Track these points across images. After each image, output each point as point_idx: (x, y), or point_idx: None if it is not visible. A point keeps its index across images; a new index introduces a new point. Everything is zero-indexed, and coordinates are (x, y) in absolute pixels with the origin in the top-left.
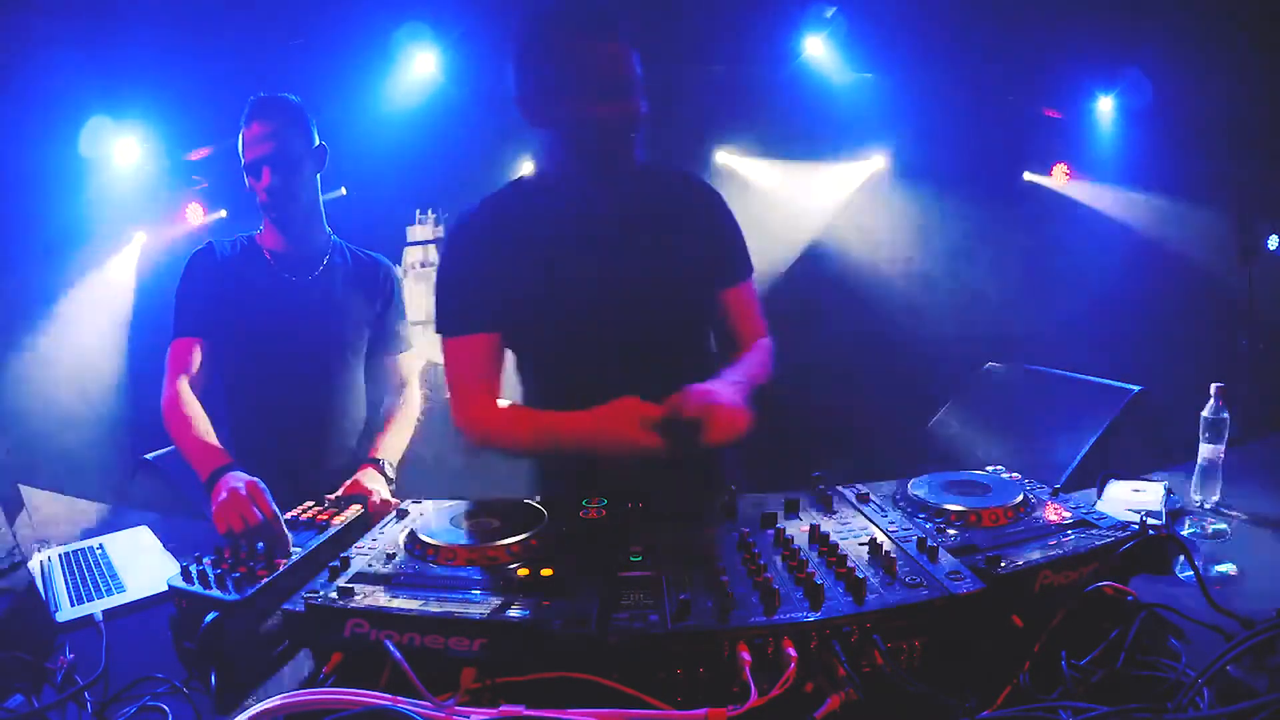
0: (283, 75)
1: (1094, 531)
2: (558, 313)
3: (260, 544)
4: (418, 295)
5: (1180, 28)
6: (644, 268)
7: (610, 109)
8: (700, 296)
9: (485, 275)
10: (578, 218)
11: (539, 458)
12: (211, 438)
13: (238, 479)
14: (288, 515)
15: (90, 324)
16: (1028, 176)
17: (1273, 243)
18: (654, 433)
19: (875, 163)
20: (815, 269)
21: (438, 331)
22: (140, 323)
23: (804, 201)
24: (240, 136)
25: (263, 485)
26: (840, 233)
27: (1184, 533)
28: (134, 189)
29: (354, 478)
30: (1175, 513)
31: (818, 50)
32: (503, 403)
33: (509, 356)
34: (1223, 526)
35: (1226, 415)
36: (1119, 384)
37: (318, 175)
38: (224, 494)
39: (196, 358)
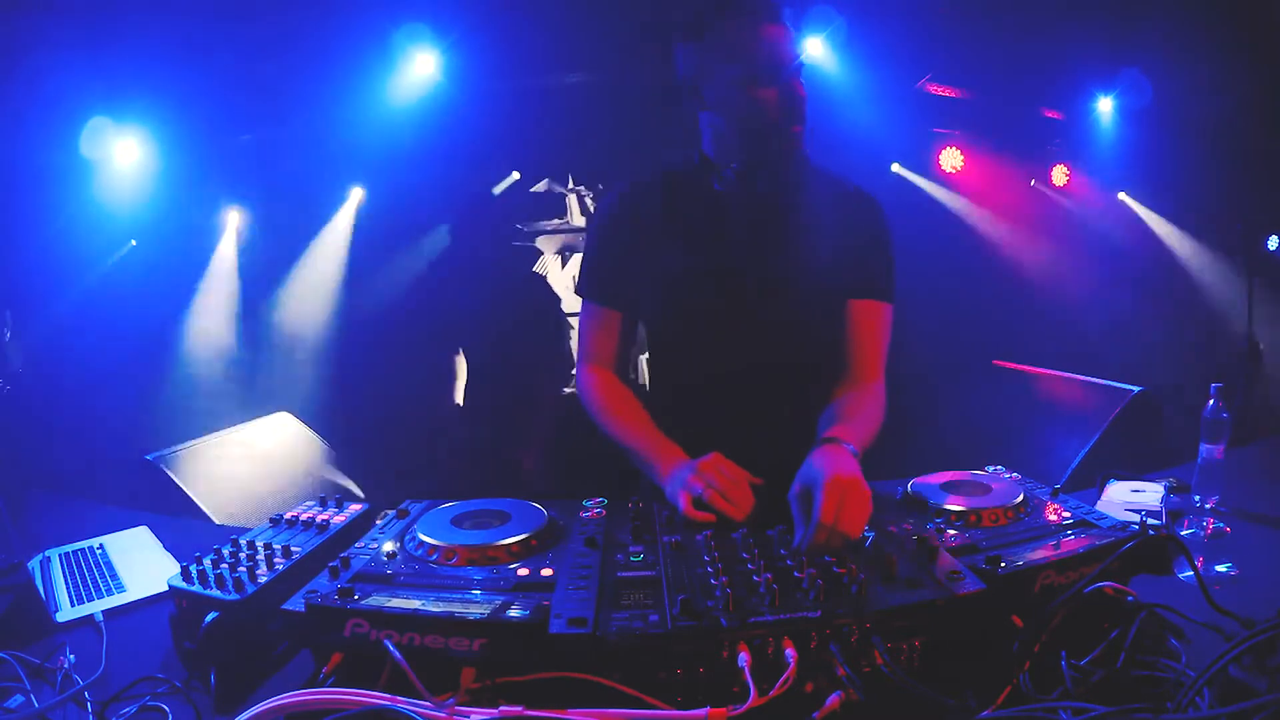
0: (282, 75)
1: (1094, 531)
2: (688, 297)
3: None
4: None
5: (1180, 28)
6: (783, 262)
7: (773, 91)
8: (833, 302)
9: (621, 257)
10: (733, 204)
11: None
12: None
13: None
14: (287, 515)
15: (90, 324)
16: (1026, 176)
17: (1273, 243)
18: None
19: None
20: None
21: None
22: (140, 322)
23: None
24: None
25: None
26: None
27: (1184, 533)
28: (133, 189)
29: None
30: (1175, 513)
31: (817, 50)
32: (607, 383)
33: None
34: (1223, 526)
35: (1226, 415)
36: (1119, 384)
37: None
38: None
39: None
